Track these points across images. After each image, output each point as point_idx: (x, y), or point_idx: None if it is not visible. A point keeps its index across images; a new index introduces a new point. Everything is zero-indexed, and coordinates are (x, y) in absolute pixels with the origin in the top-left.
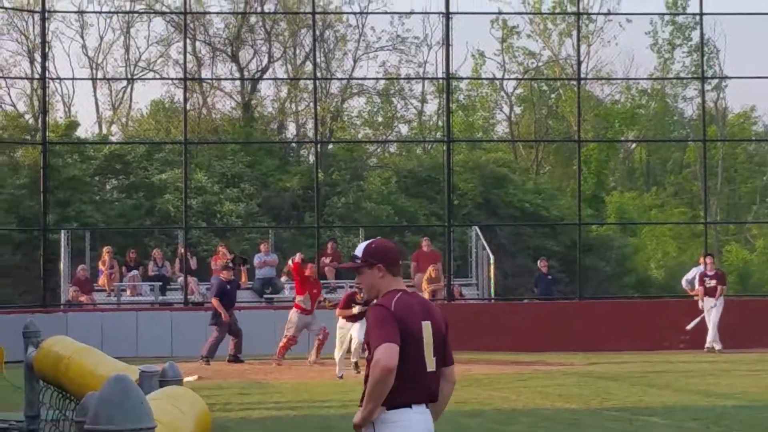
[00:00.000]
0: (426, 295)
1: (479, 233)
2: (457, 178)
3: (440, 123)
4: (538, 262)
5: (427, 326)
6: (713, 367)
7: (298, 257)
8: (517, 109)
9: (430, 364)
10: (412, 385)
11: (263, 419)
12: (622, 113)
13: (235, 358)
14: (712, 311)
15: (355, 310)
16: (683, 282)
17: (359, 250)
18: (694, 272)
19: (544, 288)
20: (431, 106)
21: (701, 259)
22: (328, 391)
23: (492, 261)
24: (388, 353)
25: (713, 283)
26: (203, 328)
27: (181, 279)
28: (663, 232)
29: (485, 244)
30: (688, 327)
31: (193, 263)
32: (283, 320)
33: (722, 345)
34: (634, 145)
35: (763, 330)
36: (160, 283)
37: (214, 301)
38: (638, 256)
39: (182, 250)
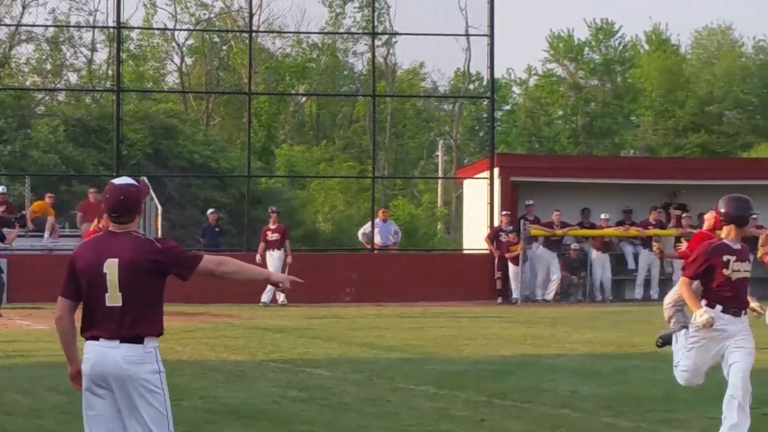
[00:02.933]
0: None
1: (148, 184)
2: (127, 128)
3: (110, 72)
4: (207, 213)
5: (111, 264)
6: (378, 321)
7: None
8: (189, 60)
9: (113, 299)
10: (91, 320)
11: None
12: (293, 67)
13: None
14: (274, 264)
15: None
16: (360, 235)
17: None
18: (368, 226)
19: (211, 239)
20: (101, 55)
21: (381, 213)
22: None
23: (159, 212)
24: (58, 306)
25: (276, 236)
26: None
27: None
28: (331, 185)
29: (153, 195)
30: None
31: None
32: None
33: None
34: (304, 99)
35: (427, 283)
36: None
37: None
38: (307, 209)
39: None
